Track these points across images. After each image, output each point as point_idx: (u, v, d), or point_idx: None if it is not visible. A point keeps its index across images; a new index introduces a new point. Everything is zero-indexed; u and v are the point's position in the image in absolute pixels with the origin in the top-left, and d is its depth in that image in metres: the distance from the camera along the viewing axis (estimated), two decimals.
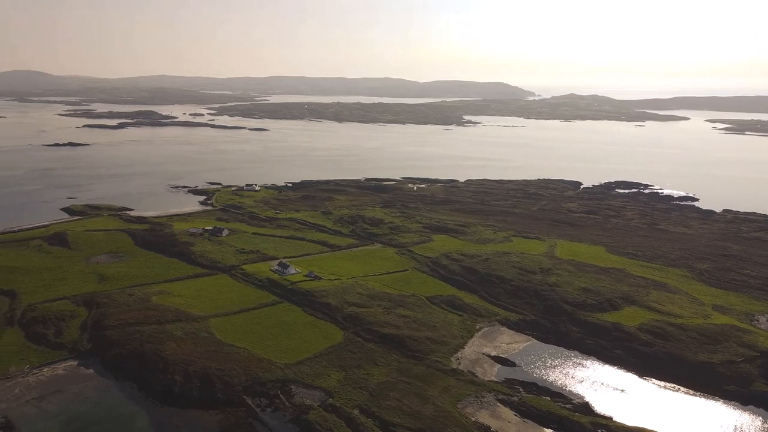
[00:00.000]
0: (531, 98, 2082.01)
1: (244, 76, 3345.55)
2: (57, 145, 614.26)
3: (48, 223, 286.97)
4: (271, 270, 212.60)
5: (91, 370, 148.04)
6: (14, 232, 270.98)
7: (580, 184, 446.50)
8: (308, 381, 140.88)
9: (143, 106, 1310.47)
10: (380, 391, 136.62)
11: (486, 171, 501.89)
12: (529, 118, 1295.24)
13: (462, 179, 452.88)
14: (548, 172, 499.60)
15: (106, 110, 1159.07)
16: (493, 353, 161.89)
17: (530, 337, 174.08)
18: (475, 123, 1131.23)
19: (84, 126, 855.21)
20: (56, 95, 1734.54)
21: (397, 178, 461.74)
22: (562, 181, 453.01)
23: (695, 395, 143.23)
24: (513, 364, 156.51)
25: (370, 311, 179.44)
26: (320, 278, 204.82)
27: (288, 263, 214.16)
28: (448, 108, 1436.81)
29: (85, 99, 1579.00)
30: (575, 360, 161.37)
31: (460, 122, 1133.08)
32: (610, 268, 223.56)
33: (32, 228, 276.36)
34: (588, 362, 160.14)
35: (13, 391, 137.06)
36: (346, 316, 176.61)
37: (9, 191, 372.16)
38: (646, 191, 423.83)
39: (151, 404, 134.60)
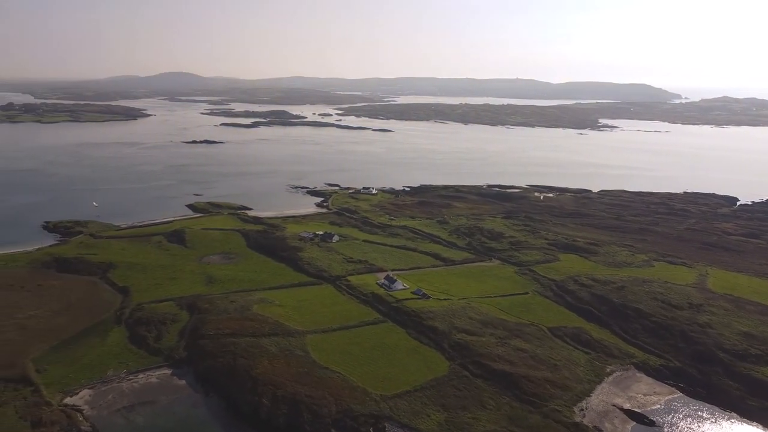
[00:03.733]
0: (677, 101, 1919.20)
1: (375, 77, 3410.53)
2: (194, 142, 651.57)
3: (172, 219, 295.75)
4: (377, 283, 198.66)
5: (183, 382, 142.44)
6: (141, 226, 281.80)
7: (737, 200, 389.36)
8: (404, 420, 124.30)
9: (277, 105, 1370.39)
10: None
11: (623, 181, 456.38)
12: (674, 123, 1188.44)
13: (595, 189, 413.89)
14: (697, 184, 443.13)
15: (243, 110, 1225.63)
16: (627, 406, 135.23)
17: (674, 389, 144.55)
18: (613, 127, 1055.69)
19: (221, 124, 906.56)
20: (201, 95, 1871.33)
21: (523, 185, 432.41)
22: (714, 195, 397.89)
23: None
24: (651, 423, 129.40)
25: (482, 341, 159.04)
26: (428, 297, 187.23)
27: (395, 277, 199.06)
28: (582, 111, 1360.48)
29: (225, 99, 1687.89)
30: (733, 425, 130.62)
31: (595, 126, 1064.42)
32: None
33: (156, 224, 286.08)
34: (750, 430, 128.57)
35: (106, 397, 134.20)
36: (454, 344, 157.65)
37: (146, 186, 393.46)
38: None
39: (235, 427, 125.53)
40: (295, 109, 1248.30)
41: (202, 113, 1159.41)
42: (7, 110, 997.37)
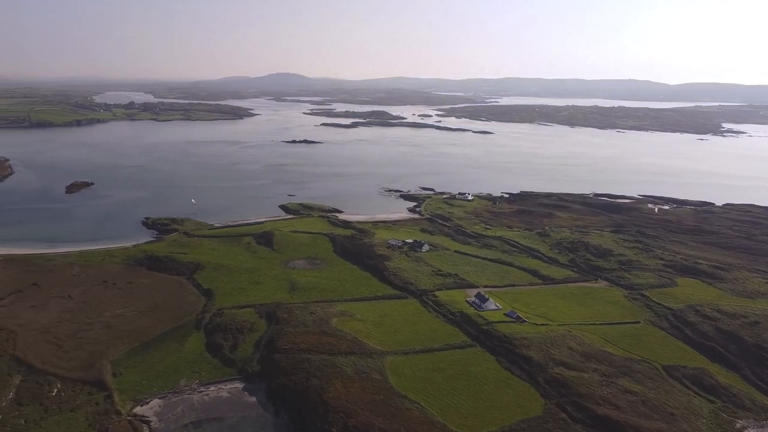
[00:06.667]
0: None
1: (478, 77, 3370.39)
2: (294, 141, 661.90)
3: (263, 219, 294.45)
4: (466, 301, 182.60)
5: (254, 399, 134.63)
6: (233, 226, 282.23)
7: None
8: None
9: (377, 106, 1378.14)
10: None
11: (752, 194, 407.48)
12: None
13: (719, 202, 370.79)
14: None
15: (344, 110, 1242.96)
16: None
17: None
18: (739, 132, 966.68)
19: (321, 124, 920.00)
20: (306, 95, 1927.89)
21: (634, 195, 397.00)
22: None
23: None
24: None
25: (583, 377, 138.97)
26: (524, 321, 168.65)
27: (487, 296, 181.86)
28: (703, 114, 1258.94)
29: (328, 99, 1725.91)
30: None
31: (717, 131, 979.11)
32: None
33: (248, 224, 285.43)
34: None
35: (175, 410, 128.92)
36: (551, 379, 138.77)
37: (243, 184, 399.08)
38: None
39: None
40: (395, 110, 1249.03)
41: (304, 113, 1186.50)
42: (128, 109, 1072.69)
